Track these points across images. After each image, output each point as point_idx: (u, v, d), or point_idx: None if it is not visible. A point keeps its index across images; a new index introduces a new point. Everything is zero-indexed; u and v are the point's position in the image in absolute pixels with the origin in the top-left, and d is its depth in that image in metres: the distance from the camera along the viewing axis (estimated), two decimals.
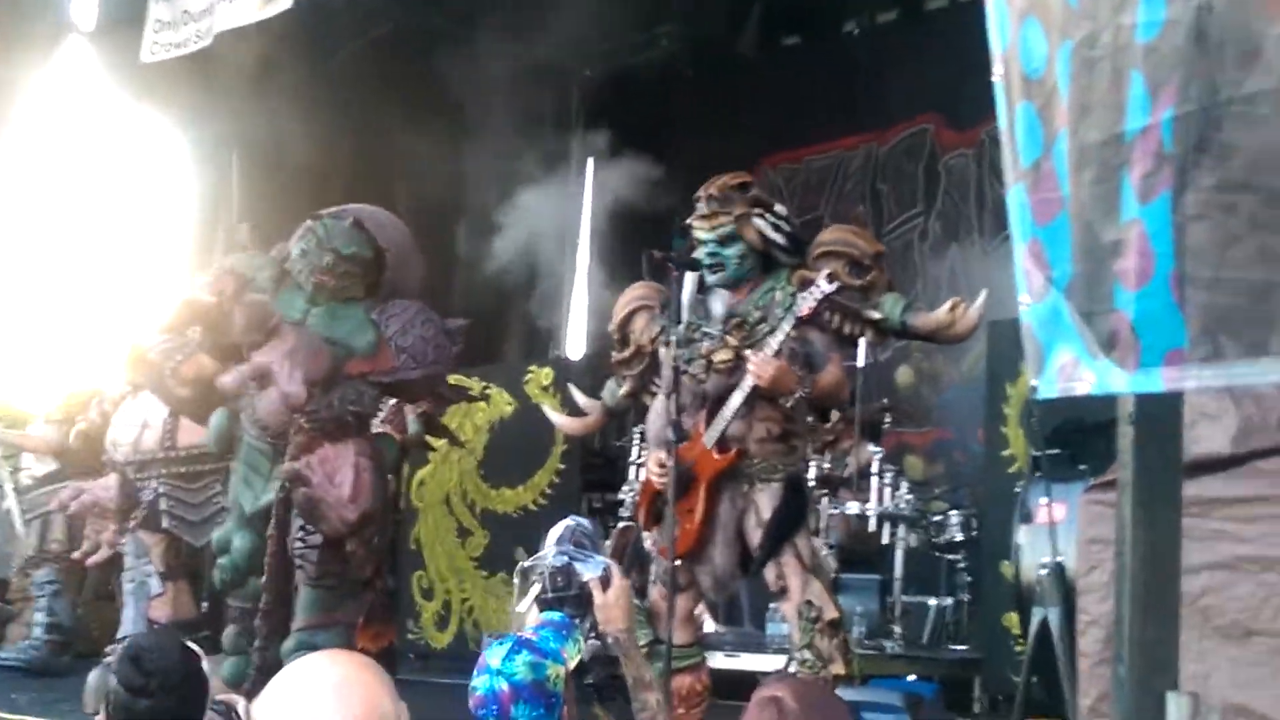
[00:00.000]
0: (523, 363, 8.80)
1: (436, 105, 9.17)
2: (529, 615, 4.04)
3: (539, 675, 3.75)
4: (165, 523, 6.40)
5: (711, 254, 4.81)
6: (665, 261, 4.88)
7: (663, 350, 4.82)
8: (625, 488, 7.72)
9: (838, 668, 4.59)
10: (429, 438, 6.06)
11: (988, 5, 2.17)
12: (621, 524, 7.42)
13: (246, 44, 8.46)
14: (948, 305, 4.78)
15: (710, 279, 4.87)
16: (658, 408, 4.94)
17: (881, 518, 7.01)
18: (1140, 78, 1.84)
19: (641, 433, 7.64)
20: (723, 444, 4.73)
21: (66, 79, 9.46)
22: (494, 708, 3.34)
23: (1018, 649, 6.01)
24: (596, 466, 8.51)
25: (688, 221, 4.96)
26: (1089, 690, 3.89)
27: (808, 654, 4.61)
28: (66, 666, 7.50)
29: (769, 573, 4.75)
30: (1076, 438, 5.01)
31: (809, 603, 4.66)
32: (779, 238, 4.82)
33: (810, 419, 4.89)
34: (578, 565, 3.90)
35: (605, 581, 3.77)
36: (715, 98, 10.05)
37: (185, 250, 8.80)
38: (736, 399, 4.69)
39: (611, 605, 3.70)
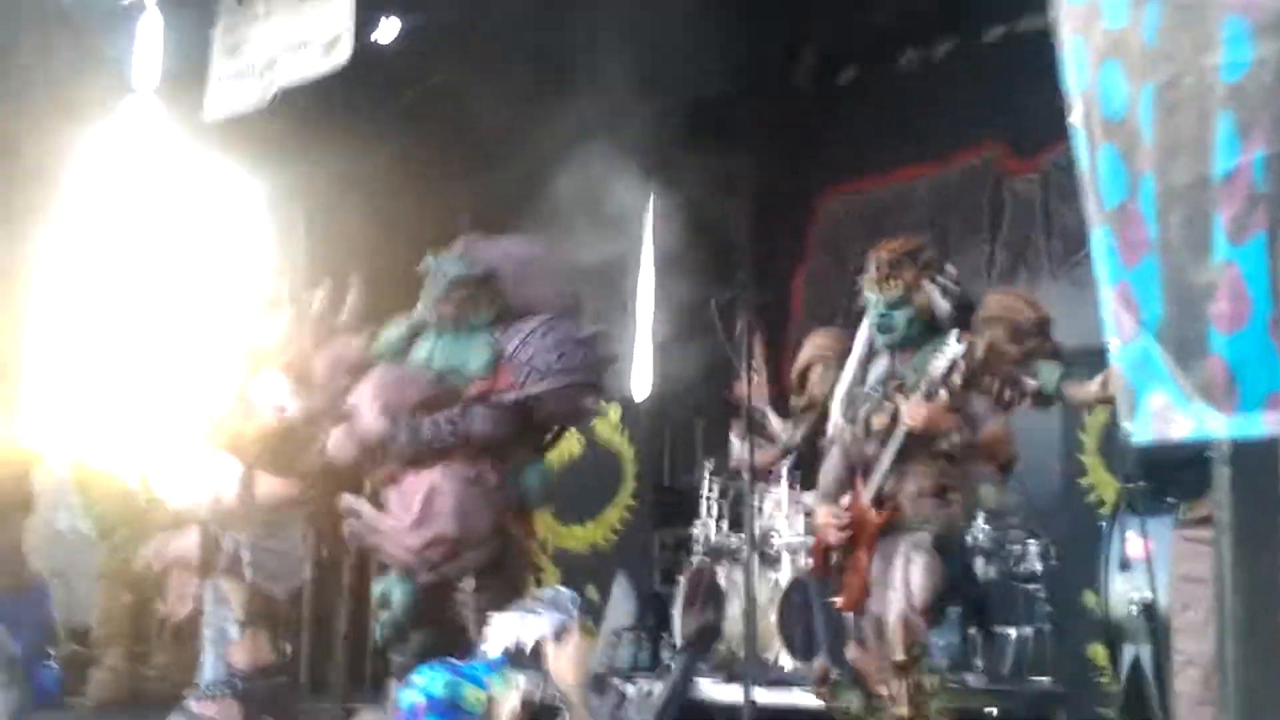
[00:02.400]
0: None
1: (497, 145, 9.24)
2: None
3: (454, 694, 4.08)
4: (249, 575, 6.44)
5: (882, 316, 4.96)
6: (734, 300, 5.06)
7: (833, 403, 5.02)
8: (698, 522, 7.73)
9: (901, 710, 4.69)
10: None
11: (1064, 45, 2.17)
12: (696, 560, 7.44)
13: (311, 95, 8.59)
14: (1101, 379, 4.80)
15: (879, 341, 4.99)
16: (830, 463, 5.11)
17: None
18: (1229, 118, 1.83)
19: (713, 468, 7.69)
20: (878, 503, 4.86)
21: (129, 137, 9.62)
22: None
23: (1102, 680, 5.94)
24: (668, 502, 8.51)
25: (858, 280, 5.09)
26: None
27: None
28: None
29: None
30: (1163, 470, 4.95)
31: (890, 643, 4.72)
32: (945, 302, 4.94)
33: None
34: (530, 618, 4.04)
35: (559, 636, 4.04)
36: (774, 132, 10.05)
37: (257, 301, 8.91)
38: (887, 457, 4.83)
39: (564, 660, 4.00)
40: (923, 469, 4.84)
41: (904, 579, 4.79)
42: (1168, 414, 2.02)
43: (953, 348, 4.69)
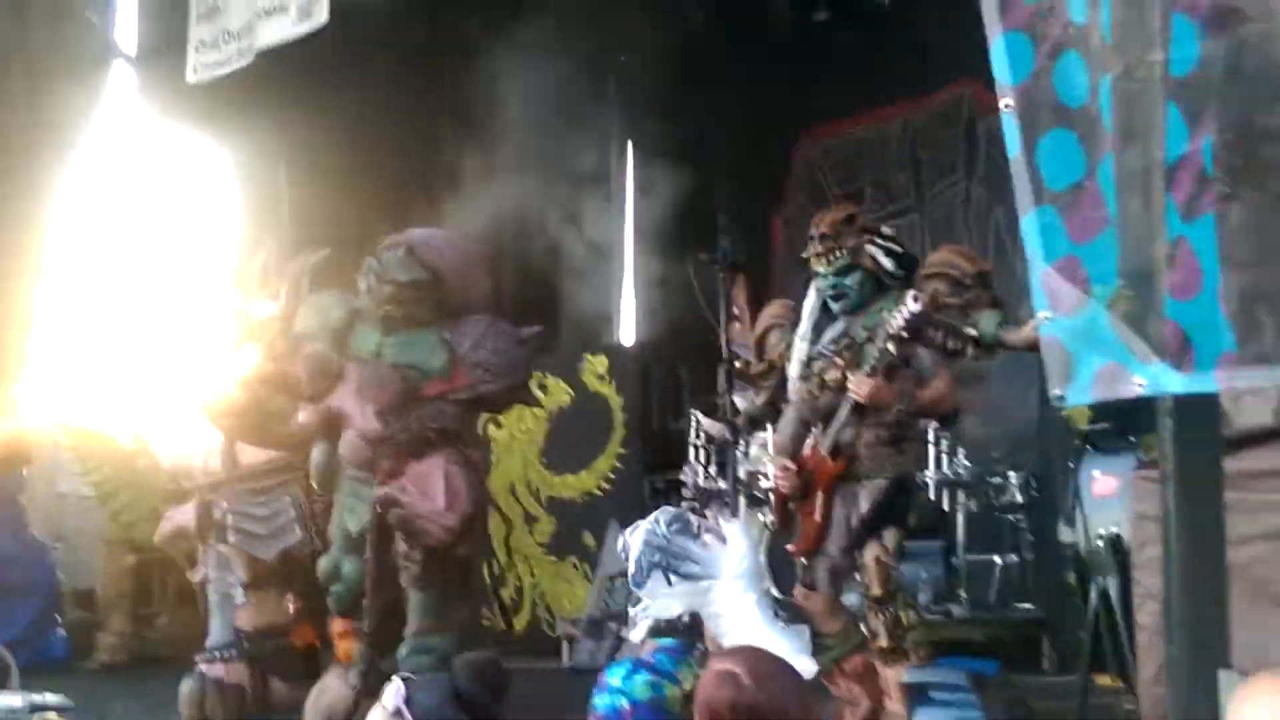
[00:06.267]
0: (577, 351, 8.96)
1: (477, 104, 9.29)
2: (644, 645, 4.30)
3: (657, 694, 4.04)
4: (231, 538, 6.58)
5: (834, 286, 5.18)
6: (712, 262, 5.38)
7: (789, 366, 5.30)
8: (686, 468, 7.90)
9: (881, 642, 4.93)
10: None
11: (995, 40, 2.30)
12: (685, 505, 7.60)
13: (287, 58, 8.61)
14: (1034, 323, 4.98)
15: (834, 307, 5.24)
16: (785, 420, 5.38)
17: (941, 484, 7.19)
18: (1176, 109, 1.98)
19: (698, 413, 7.86)
20: (835, 451, 5.10)
21: (112, 104, 9.62)
22: None
23: (1082, 606, 6.15)
24: (658, 449, 8.67)
25: (803, 256, 5.31)
26: (1147, 661, 4.04)
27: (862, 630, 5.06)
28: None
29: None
30: (1126, 412, 5.15)
31: (863, 581, 5.01)
32: (889, 262, 5.16)
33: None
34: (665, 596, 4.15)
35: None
36: (750, 76, 10.11)
37: (236, 266, 8.99)
38: (843, 411, 5.07)
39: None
40: (878, 422, 5.07)
41: (867, 521, 5.02)
42: (1116, 376, 2.19)
43: (910, 305, 4.88)
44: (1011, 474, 7.35)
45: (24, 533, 8.57)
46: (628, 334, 9.68)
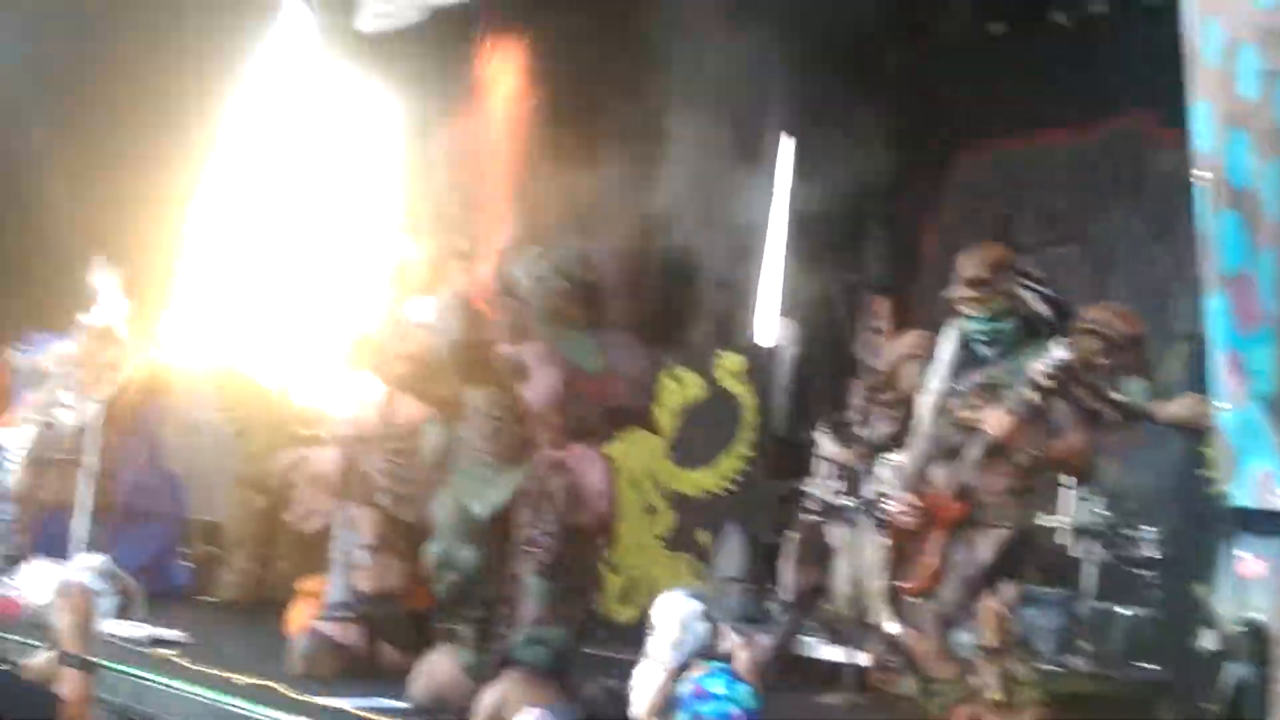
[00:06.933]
0: (711, 346, 8.91)
1: (638, 80, 9.25)
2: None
3: (759, 704, 4.25)
4: (377, 497, 6.66)
5: (986, 332, 5.07)
6: (859, 283, 5.42)
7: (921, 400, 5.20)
8: (813, 481, 7.82)
9: (993, 695, 4.83)
10: None
11: (1193, 108, 2.19)
12: (808, 518, 7.54)
13: (459, 12, 8.65)
14: (1190, 400, 4.88)
15: (983, 353, 5.11)
16: (913, 454, 5.28)
17: (1071, 531, 7.02)
18: None
19: (832, 425, 7.76)
20: (959, 493, 4.99)
21: (283, 46, 9.75)
22: None
23: (1211, 679, 5.97)
24: (785, 456, 8.58)
25: (952, 300, 5.15)
26: None
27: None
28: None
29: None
30: None
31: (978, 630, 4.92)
32: (1043, 308, 5.02)
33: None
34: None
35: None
36: (917, 85, 9.93)
37: (406, 223, 9.07)
38: (973, 451, 4.96)
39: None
40: (1004, 467, 4.96)
41: (986, 571, 4.91)
42: (1270, 484, 2.08)
43: (1057, 352, 4.76)
44: (1147, 528, 7.14)
45: (160, 463, 8.81)
46: (765, 335, 9.59)
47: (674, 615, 4.78)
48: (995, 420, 4.86)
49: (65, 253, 8.99)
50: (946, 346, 5.20)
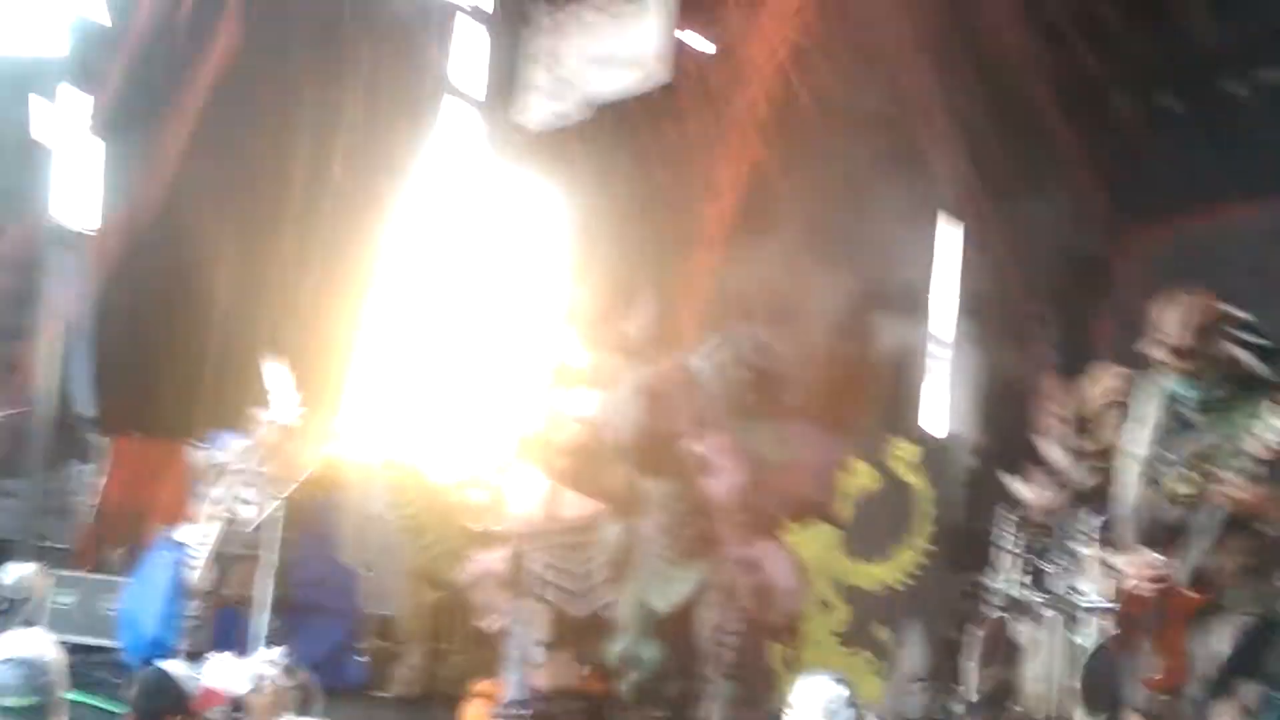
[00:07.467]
0: (881, 433, 8.73)
1: (808, 158, 9.23)
2: None
3: None
4: (548, 594, 6.65)
5: (1201, 401, 4.71)
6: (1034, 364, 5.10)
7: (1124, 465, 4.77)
8: (995, 573, 7.57)
9: None
10: None
11: None
12: (992, 613, 7.30)
13: (623, 111, 8.73)
14: None
15: (1196, 420, 4.74)
16: (1128, 525, 4.85)
17: None
18: None
19: (1021, 518, 7.50)
20: (1195, 579, 4.61)
21: (449, 142, 9.94)
22: None
23: None
24: (968, 548, 8.34)
25: (1157, 358, 4.78)
26: None
27: None
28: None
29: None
30: None
31: None
32: (1257, 363, 4.69)
33: None
34: None
35: None
36: (1090, 159, 9.70)
37: (564, 316, 9.14)
38: (1208, 529, 4.57)
39: None
40: (1241, 545, 4.58)
41: (1227, 665, 4.59)
42: None
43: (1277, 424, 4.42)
44: None
45: (335, 557, 8.90)
46: (939, 423, 9.39)
47: (818, 699, 4.44)
48: (1239, 490, 4.47)
49: (241, 351, 9.21)
50: (1149, 406, 4.79)
